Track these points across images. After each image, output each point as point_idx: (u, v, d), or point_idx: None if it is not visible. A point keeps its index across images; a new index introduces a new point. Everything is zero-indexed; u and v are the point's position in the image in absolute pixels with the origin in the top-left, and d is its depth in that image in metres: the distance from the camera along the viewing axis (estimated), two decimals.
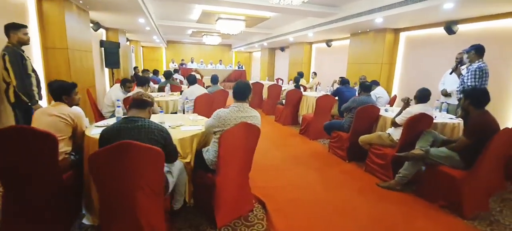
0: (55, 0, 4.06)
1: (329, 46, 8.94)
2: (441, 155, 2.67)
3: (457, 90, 3.78)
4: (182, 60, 14.96)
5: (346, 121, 3.98)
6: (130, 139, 1.61)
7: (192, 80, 4.68)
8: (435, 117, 3.58)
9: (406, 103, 3.35)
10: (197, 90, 4.31)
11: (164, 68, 15.42)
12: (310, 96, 5.73)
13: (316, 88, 8.18)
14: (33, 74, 3.12)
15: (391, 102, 5.04)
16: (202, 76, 13.24)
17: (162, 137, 1.79)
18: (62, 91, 2.35)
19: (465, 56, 3.79)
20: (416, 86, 5.63)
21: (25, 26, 2.96)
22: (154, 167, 1.65)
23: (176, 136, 2.33)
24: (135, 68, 8.63)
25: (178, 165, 2.11)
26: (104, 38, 7.85)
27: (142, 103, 1.86)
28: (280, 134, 5.37)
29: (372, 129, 3.83)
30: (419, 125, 2.97)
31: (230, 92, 9.75)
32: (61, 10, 4.10)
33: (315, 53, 10.19)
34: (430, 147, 2.82)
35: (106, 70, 7.91)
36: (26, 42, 2.99)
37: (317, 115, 4.89)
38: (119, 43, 7.91)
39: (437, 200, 2.65)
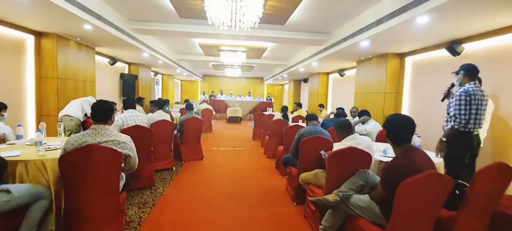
0: (51, 36, 4.76)
1: (342, 75, 8.28)
2: (360, 204, 2.02)
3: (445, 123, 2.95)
4: (212, 92, 15.72)
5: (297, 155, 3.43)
6: None
7: (130, 104, 3.97)
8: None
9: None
10: (155, 116, 4.33)
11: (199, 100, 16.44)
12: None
13: None
14: None
15: (378, 137, 4.21)
16: (227, 107, 13.64)
17: None
18: None
19: (455, 79, 2.99)
20: (426, 118, 4.70)
21: None
22: None
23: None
24: (159, 99, 9.35)
25: (26, 189, 2.02)
26: (126, 72, 8.82)
27: None
28: (253, 166, 4.94)
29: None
30: (350, 164, 2.34)
31: (251, 123, 9.52)
32: (54, 45, 4.76)
33: (332, 83, 9.53)
34: (358, 192, 2.16)
35: None
36: None
37: (286, 147, 4.37)
38: (136, 76, 8.76)
39: None
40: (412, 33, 4.01)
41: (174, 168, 4.46)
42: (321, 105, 7.90)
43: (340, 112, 5.46)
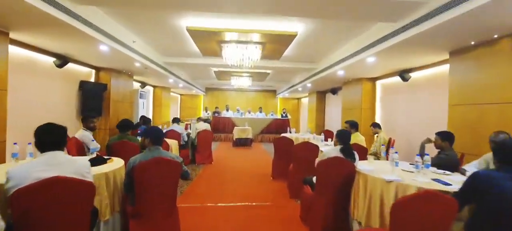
0: None
1: (405, 79, 5.52)
2: None
3: None
4: (216, 108, 13.12)
5: None
6: None
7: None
8: None
9: None
10: (28, 170, 1.62)
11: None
12: (373, 176, 2.44)
13: (386, 154, 4.73)
14: None
15: None
16: (234, 125, 10.95)
17: None
18: None
19: None
20: None
21: None
22: None
23: None
24: (141, 117, 6.74)
25: None
26: (92, 79, 6.31)
27: None
28: None
29: None
30: None
31: (267, 147, 6.22)
32: None
33: (381, 93, 6.76)
34: None
35: None
36: None
37: None
38: (105, 85, 6.21)
39: None
40: None
41: None
42: (376, 125, 5.10)
43: (450, 137, 2.85)
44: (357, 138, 4.11)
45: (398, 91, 5.94)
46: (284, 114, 12.83)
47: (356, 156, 2.83)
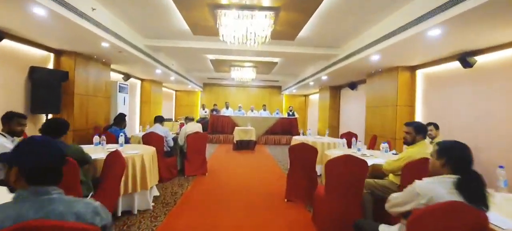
0: None
1: (469, 65, 4.04)
2: None
3: None
4: (214, 105, 11.67)
5: None
6: None
7: None
8: None
9: None
10: None
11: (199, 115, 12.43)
12: None
13: None
14: None
15: None
16: (234, 125, 9.49)
17: None
18: None
19: None
20: None
21: None
22: None
23: None
24: (120, 114, 5.29)
25: None
26: (51, 66, 4.86)
27: None
28: None
29: None
30: None
31: (273, 150, 4.77)
32: None
33: (424, 85, 5.28)
34: None
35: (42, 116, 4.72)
36: None
37: None
38: (66, 73, 4.77)
39: None
40: None
41: None
42: (436, 126, 3.68)
43: None
44: (425, 150, 2.64)
45: (455, 81, 4.45)
46: (290, 113, 11.39)
47: (489, 201, 1.37)
